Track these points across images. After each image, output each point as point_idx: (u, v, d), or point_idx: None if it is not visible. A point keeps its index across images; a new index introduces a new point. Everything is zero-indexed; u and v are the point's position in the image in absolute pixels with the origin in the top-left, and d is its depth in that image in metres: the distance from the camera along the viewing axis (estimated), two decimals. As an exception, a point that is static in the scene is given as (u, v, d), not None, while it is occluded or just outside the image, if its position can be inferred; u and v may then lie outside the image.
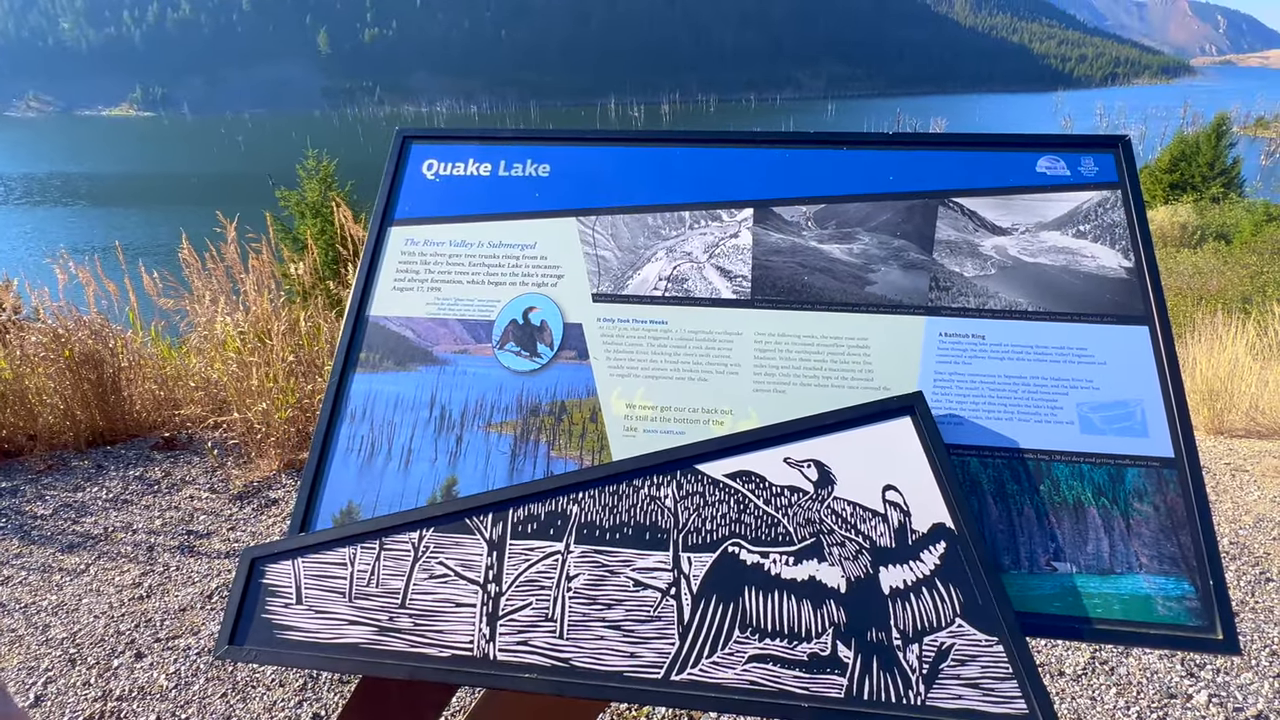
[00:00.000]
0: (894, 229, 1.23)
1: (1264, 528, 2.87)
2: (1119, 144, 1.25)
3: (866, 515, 1.03)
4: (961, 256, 1.20)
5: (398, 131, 1.41)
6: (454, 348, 1.23)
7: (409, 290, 1.28)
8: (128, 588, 2.66)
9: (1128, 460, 1.05)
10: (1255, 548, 2.74)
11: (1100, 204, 1.22)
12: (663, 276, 1.24)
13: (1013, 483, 1.06)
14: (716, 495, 1.06)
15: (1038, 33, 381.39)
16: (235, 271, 3.98)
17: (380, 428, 1.18)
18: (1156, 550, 1.01)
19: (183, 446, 3.82)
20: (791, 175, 1.29)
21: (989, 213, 1.23)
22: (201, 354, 3.92)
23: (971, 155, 1.27)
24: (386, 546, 1.08)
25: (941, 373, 1.13)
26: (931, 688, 0.93)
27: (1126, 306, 1.14)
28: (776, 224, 1.26)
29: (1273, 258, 17.69)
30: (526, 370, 1.20)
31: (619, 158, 1.34)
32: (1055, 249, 1.19)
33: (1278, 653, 2.22)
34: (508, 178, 1.35)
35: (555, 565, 1.04)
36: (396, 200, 1.35)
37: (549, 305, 1.24)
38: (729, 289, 1.22)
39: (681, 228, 1.27)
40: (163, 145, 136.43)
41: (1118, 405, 1.09)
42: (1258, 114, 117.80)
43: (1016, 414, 1.09)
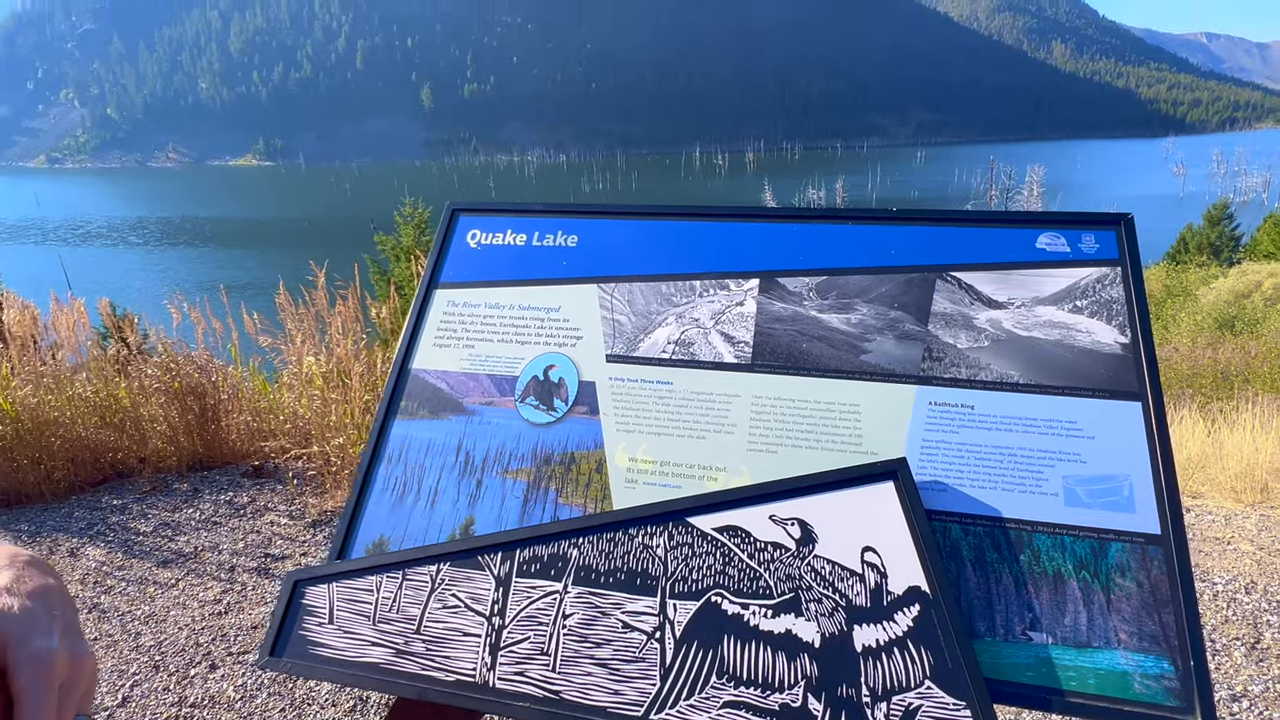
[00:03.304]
0: (892, 301, 1.30)
1: (1360, 616, 2.63)
2: (1121, 222, 1.28)
3: (844, 574, 1.08)
4: (956, 328, 1.25)
5: (448, 205, 1.59)
6: (481, 400, 1.36)
7: (447, 346, 1.43)
8: (209, 603, 2.91)
9: (1111, 535, 1.07)
10: (1347, 638, 2.52)
11: (1099, 280, 1.25)
12: (671, 340, 1.34)
13: (993, 551, 1.09)
14: (704, 547, 1.14)
15: (1145, 77, 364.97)
16: (324, 315, 4.34)
17: (412, 470, 1.32)
18: (1137, 627, 1.01)
19: (269, 475, 4.14)
20: (797, 248, 1.38)
21: (986, 287, 1.28)
22: (291, 390, 4.27)
23: (972, 231, 1.33)
24: (408, 577, 1.20)
25: (929, 440, 1.18)
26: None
27: (1120, 382, 1.16)
28: (780, 294, 1.35)
29: None
30: (543, 423, 1.32)
31: (640, 230, 1.47)
32: (1050, 323, 1.23)
33: (1363, 755, 2.04)
34: (540, 247, 1.49)
35: (554, 603, 1.14)
36: (443, 266, 1.52)
37: (567, 364, 1.36)
38: (731, 354, 1.31)
39: (692, 295, 1.38)
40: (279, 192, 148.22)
41: (1105, 479, 1.10)
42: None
43: (1001, 484, 1.13)
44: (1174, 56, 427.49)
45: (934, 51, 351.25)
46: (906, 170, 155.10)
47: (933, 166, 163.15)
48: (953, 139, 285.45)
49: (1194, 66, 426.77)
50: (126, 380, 4.31)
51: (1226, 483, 4.22)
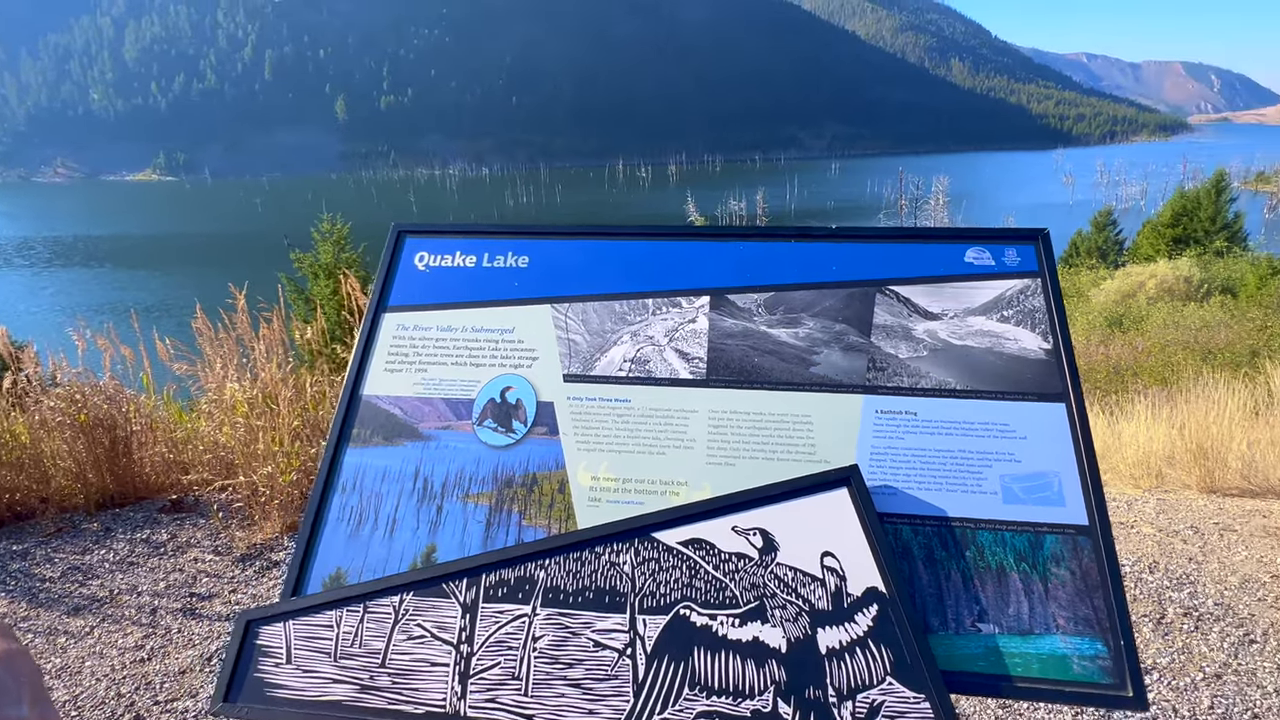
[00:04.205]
0: (836, 315, 1.36)
1: (1249, 589, 2.90)
2: (1039, 236, 1.39)
3: (806, 580, 1.12)
4: (896, 340, 1.33)
5: (393, 226, 1.57)
6: (437, 424, 1.35)
7: (399, 371, 1.41)
8: (130, 650, 2.73)
9: (1046, 528, 1.15)
10: (1240, 609, 2.76)
11: (1022, 291, 1.35)
12: (627, 358, 1.37)
13: (941, 549, 1.16)
14: (670, 561, 1.16)
15: (1035, 93, 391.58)
16: (246, 339, 4.15)
17: (368, 498, 1.29)
18: (1072, 612, 1.10)
19: (190, 509, 3.92)
20: (745, 266, 1.43)
21: (921, 299, 1.36)
22: (211, 418, 4.06)
23: (907, 247, 1.41)
24: (370, 609, 1.18)
25: (878, 447, 1.24)
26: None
27: (1045, 385, 1.26)
28: (731, 310, 1.39)
29: (1277, 311, 17.76)
30: (502, 445, 1.32)
31: (591, 250, 1.49)
32: (981, 332, 1.32)
33: (1259, 716, 2.24)
34: (491, 268, 1.49)
35: (522, 627, 1.14)
36: (391, 289, 1.50)
37: (524, 385, 1.36)
38: (687, 370, 1.34)
39: (645, 314, 1.41)
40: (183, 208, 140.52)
41: (1037, 477, 1.19)
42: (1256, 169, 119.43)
43: (945, 485, 1.20)
44: (1059, 75, 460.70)
45: (845, 68, 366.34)
46: (822, 181, 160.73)
47: (846, 178, 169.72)
48: (864, 151, 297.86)
49: (1077, 84, 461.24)
50: (25, 415, 3.99)
51: (1126, 471, 4.56)
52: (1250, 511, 3.70)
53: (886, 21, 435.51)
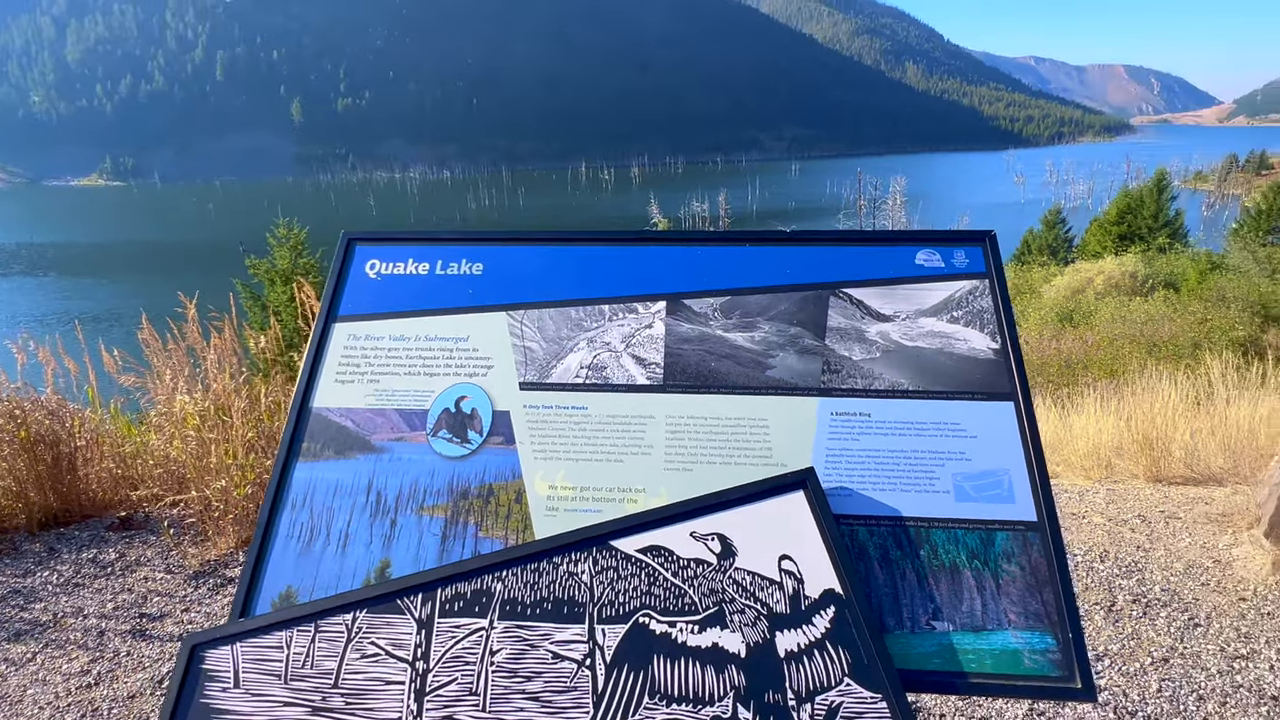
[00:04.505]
0: (791, 318, 1.37)
1: (1193, 574, 3.00)
2: (986, 238, 1.42)
3: (764, 583, 1.13)
4: (850, 342, 1.34)
5: (343, 234, 1.54)
6: (390, 436, 1.32)
7: (350, 382, 1.38)
8: (75, 676, 2.62)
9: (997, 525, 1.17)
10: (1185, 594, 2.86)
11: (970, 292, 1.37)
12: (584, 365, 1.36)
13: (896, 549, 1.17)
14: (629, 569, 1.15)
15: (986, 96, 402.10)
16: (197, 348, 4.03)
17: (320, 514, 1.26)
18: (1023, 607, 1.12)
19: (139, 526, 3.78)
20: (701, 270, 1.43)
21: (874, 301, 1.38)
22: (161, 431, 3.93)
23: (859, 250, 1.43)
24: (321, 629, 1.15)
25: (833, 448, 1.25)
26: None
27: (994, 385, 1.28)
28: (687, 315, 1.39)
29: (1218, 304, 18.53)
30: (457, 456, 1.29)
31: (547, 256, 1.48)
32: (932, 333, 1.34)
33: (1204, 697, 2.32)
34: (444, 276, 1.47)
35: (480, 641, 1.12)
36: (341, 298, 1.47)
37: (479, 394, 1.34)
38: (644, 375, 1.34)
39: (602, 320, 1.40)
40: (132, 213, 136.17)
41: (988, 475, 1.21)
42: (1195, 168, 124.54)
43: (899, 485, 1.21)
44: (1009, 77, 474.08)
45: (803, 71, 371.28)
46: (783, 183, 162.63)
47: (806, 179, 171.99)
48: (823, 153, 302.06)
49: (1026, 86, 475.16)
50: (-41, 432, 3.81)
51: (1077, 462, 4.70)
52: (1194, 499, 3.83)
53: (843, 25, 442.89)
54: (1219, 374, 5.43)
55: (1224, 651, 2.51)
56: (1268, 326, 18.39)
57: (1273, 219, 33.47)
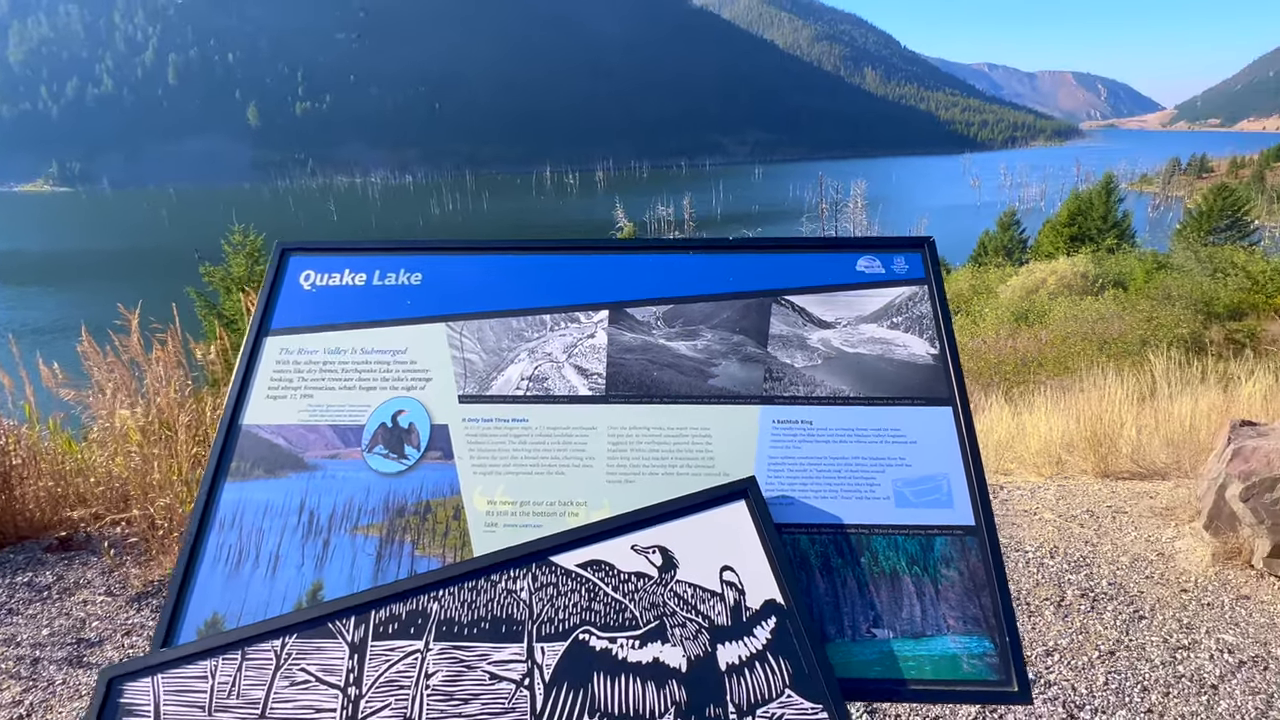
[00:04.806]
0: (733, 325, 1.37)
1: (1139, 567, 3.08)
2: (925, 244, 1.43)
3: (705, 596, 1.12)
4: (792, 349, 1.34)
5: (276, 244, 1.49)
6: (324, 453, 1.28)
7: (283, 398, 1.33)
8: (6, 707, 2.50)
9: (936, 530, 1.18)
10: (1131, 587, 2.94)
11: (910, 298, 1.38)
12: (525, 376, 1.33)
13: (837, 557, 1.17)
14: (569, 585, 1.13)
15: (942, 101, 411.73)
16: (140, 361, 3.89)
17: (249, 535, 1.22)
18: (961, 612, 1.13)
19: (80, 547, 3.63)
20: (643, 278, 1.41)
21: (816, 308, 1.38)
22: (104, 448, 3.78)
23: (801, 257, 1.43)
24: (248, 656, 1.10)
25: (775, 457, 1.25)
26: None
27: (933, 390, 1.29)
28: (630, 324, 1.38)
29: (1164, 303, 19.22)
30: (393, 472, 1.26)
31: (487, 265, 1.45)
32: (872, 340, 1.35)
33: (1148, 688, 2.38)
34: (382, 286, 1.43)
35: (415, 664, 1.09)
36: (274, 311, 1.42)
37: (417, 408, 1.31)
38: (585, 386, 1.32)
39: (543, 330, 1.38)
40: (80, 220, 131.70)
41: (927, 480, 1.22)
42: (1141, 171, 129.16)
43: (840, 492, 1.21)
44: (964, 83, 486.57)
45: (765, 77, 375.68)
46: (746, 186, 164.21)
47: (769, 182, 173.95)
48: (786, 157, 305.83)
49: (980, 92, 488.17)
50: (-118, 453, 3.62)
51: (1030, 459, 4.81)
52: (1139, 493, 3.95)
53: (803, 31, 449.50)
54: (1162, 371, 5.61)
55: (1167, 643, 2.58)
56: (1210, 323, 19.12)
57: (1213, 220, 34.85)
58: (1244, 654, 2.51)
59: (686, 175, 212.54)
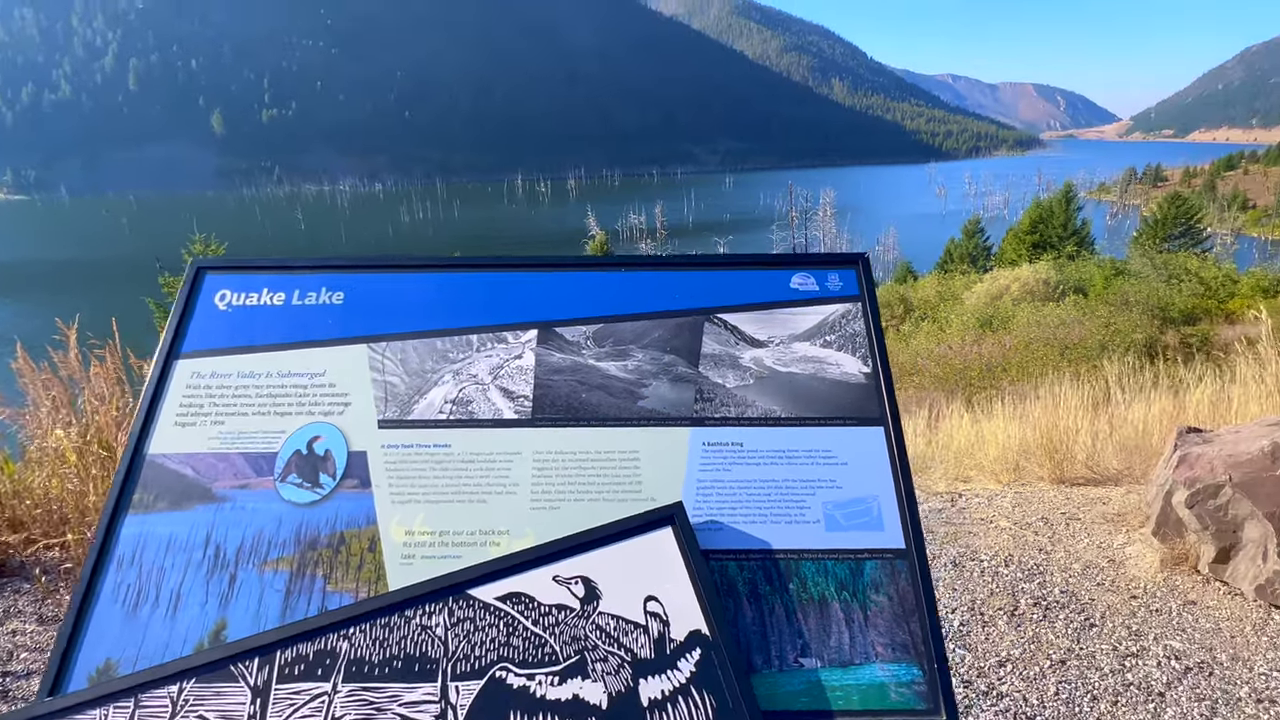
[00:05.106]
0: (665, 345, 1.34)
1: (1090, 574, 3.11)
2: (860, 261, 1.42)
3: (629, 628, 1.08)
4: (724, 369, 1.31)
5: (192, 262, 1.42)
6: (234, 483, 1.22)
7: (191, 425, 1.27)
8: (-78, 748, 2.36)
9: (866, 554, 1.16)
10: (1082, 595, 2.96)
11: (844, 316, 1.37)
12: (448, 399, 1.29)
13: (765, 584, 1.14)
14: (487, 619, 1.09)
15: (908, 111, 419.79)
16: (78, 378, 3.75)
17: (149, 573, 1.15)
18: (890, 639, 1.10)
19: (13, 573, 3.47)
20: (573, 297, 1.38)
21: (749, 327, 1.36)
22: (41, 468, 3.63)
23: (735, 274, 1.41)
24: (142, 703, 1.03)
25: (704, 480, 1.21)
26: (683, 798, 0.97)
27: (865, 409, 1.27)
28: (559, 344, 1.34)
29: (1121, 308, 19.74)
30: (307, 502, 1.20)
31: (412, 284, 1.40)
32: (805, 358, 1.33)
33: (1098, 697, 2.39)
34: (301, 306, 1.38)
35: (321, 708, 1.03)
36: (185, 333, 1.35)
37: (334, 434, 1.25)
38: (511, 409, 1.28)
39: (469, 351, 1.33)
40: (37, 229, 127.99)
41: (858, 502, 1.20)
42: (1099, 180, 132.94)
43: (770, 516, 1.19)
44: (928, 94, 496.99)
45: (735, 86, 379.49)
46: (717, 195, 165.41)
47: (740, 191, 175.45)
48: (756, 165, 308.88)
49: (944, 103, 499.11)
50: None
51: (989, 466, 4.85)
52: (1093, 499, 4.00)
53: (772, 42, 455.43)
54: (1115, 377, 5.72)
55: (1116, 650, 2.60)
56: (1166, 328, 19.66)
57: (1168, 228, 35.93)
58: (1190, 660, 2.54)
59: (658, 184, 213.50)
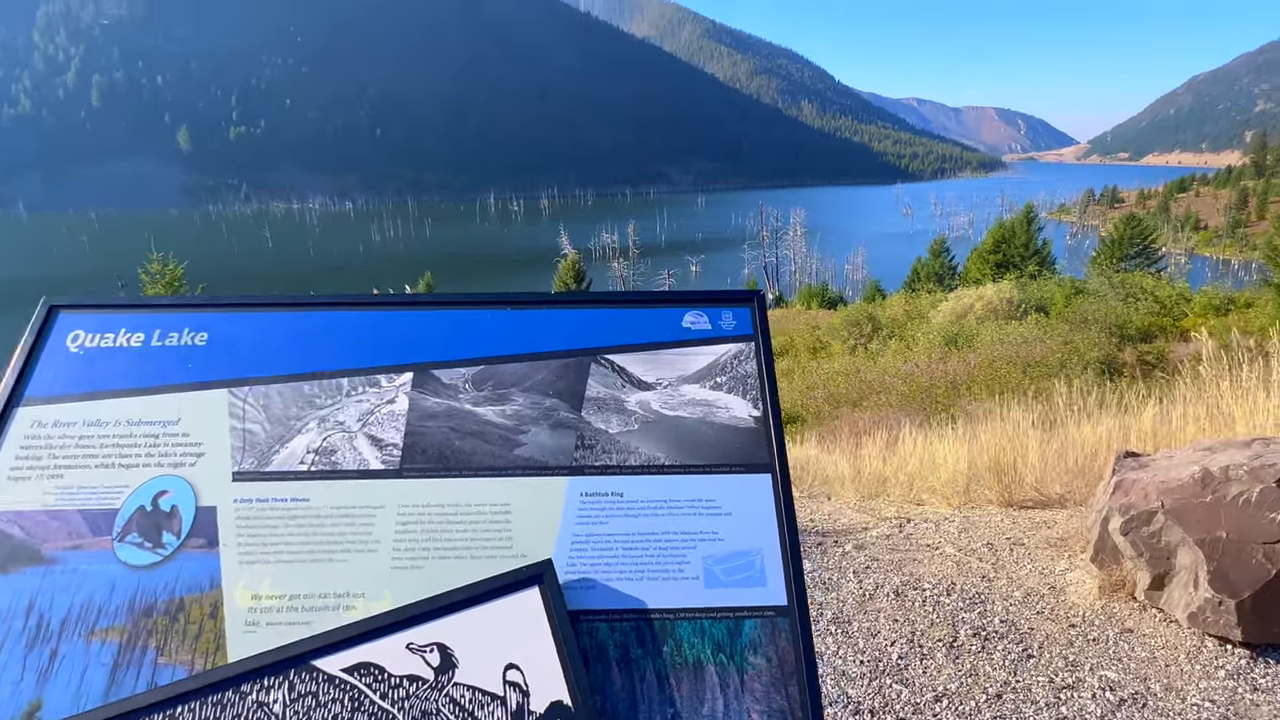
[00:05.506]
0: (547, 388, 1.27)
1: (1030, 602, 3.09)
2: (754, 299, 1.37)
3: (485, 700, 1.00)
4: (608, 413, 1.25)
5: (44, 301, 1.33)
6: (66, 544, 1.12)
7: (27, 479, 1.17)
8: None
9: (745, 612, 1.10)
10: (1021, 624, 2.94)
11: (736, 356, 1.32)
12: (311, 449, 1.20)
13: (638, 647, 1.07)
14: (331, 694, 1.00)
15: (875, 134, 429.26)
16: None
17: (-40, 647, 1.04)
18: (767, 704, 1.04)
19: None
20: (454, 337, 1.31)
21: (636, 368, 1.30)
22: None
23: (625, 313, 1.35)
24: (-67, 800, 0.93)
25: (579, 534, 1.15)
26: None
27: (753, 455, 1.22)
28: (435, 388, 1.27)
29: (1081, 326, 20.18)
30: (146, 564, 1.11)
31: (283, 323, 1.32)
32: (694, 401, 1.27)
33: (1033, 732, 2.35)
34: (161, 348, 1.29)
35: (137, 799, 0.94)
36: (29, 377, 1.26)
37: (183, 488, 1.16)
38: (378, 459, 1.20)
39: (338, 395, 1.26)
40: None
41: (740, 556, 1.14)
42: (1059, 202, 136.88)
43: (646, 572, 1.12)
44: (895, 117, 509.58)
45: (707, 107, 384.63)
46: (690, 214, 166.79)
47: (712, 210, 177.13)
48: (728, 186, 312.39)
49: (910, 125, 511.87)
50: None
51: (940, 489, 4.85)
52: (1039, 523, 4.00)
53: (742, 65, 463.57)
54: (1066, 398, 5.78)
55: (1053, 683, 2.57)
56: (1124, 345, 20.14)
57: (1124, 248, 36.97)
58: (1125, 691, 2.51)
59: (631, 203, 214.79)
